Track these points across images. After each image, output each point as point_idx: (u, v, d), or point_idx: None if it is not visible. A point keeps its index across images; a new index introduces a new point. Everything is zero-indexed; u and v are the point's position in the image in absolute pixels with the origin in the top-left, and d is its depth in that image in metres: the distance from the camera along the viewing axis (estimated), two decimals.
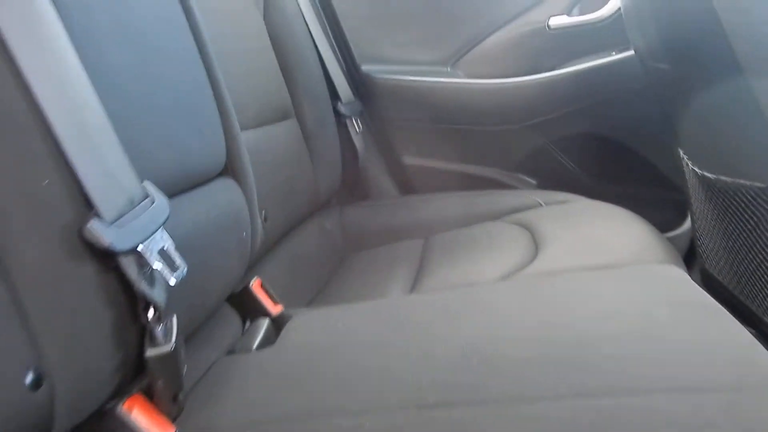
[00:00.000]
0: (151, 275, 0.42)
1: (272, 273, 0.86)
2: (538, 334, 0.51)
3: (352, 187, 1.31)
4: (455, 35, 1.32)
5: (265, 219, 0.81)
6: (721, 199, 0.83)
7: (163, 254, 0.43)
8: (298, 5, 1.17)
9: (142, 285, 0.41)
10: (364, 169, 1.32)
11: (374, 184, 1.35)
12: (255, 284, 0.72)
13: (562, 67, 1.26)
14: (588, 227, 0.94)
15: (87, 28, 0.48)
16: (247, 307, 0.70)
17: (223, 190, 0.66)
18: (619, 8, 1.20)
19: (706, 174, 0.84)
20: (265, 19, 1.08)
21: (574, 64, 1.25)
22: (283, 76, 1.08)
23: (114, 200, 0.41)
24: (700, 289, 0.60)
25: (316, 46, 1.20)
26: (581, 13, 1.28)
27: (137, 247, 0.41)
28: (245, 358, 0.59)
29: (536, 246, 0.90)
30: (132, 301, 0.42)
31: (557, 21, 1.28)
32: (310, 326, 0.64)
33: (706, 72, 0.72)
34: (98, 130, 0.42)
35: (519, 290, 0.66)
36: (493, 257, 0.90)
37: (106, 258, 0.39)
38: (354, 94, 1.29)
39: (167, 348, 0.42)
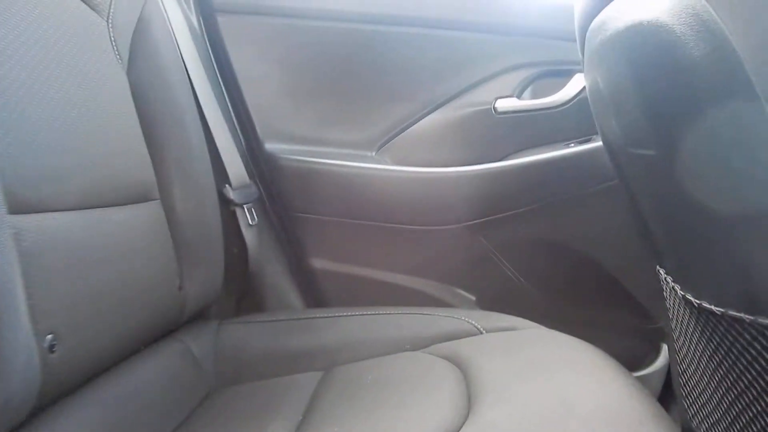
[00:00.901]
0: None
1: None
2: None
3: (240, 296, 1.05)
4: (383, 113, 1.14)
5: (51, 348, 0.55)
6: (728, 340, 0.62)
7: None
8: (182, 60, 0.97)
9: None
10: (258, 273, 1.07)
11: (271, 292, 1.10)
12: None
13: (511, 158, 1.08)
14: (544, 372, 0.71)
15: None
16: None
17: None
18: (581, 90, 1.04)
19: (705, 305, 0.63)
20: (128, 71, 0.86)
21: (526, 155, 1.07)
22: (147, 144, 0.85)
23: None
24: None
25: (201, 112, 0.98)
26: (534, 97, 1.11)
27: None
28: None
29: (469, 397, 0.66)
30: None
31: (506, 104, 1.11)
32: None
33: (715, 161, 0.52)
34: None
35: None
36: (405, 411, 0.66)
37: None
38: (250, 176, 1.06)
39: None
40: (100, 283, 0.68)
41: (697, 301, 0.66)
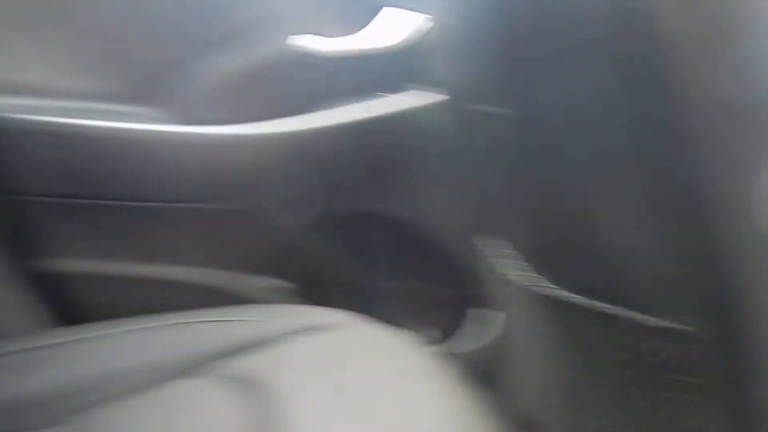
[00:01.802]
0: None
1: None
2: None
3: None
4: (145, 54, 0.88)
5: None
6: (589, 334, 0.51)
7: None
8: None
9: None
10: None
11: None
12: None
13: (325, 112, 0.89)
14: (367, 387, 0.57)
15: None
16: None
17: None
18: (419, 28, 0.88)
19: (563, 294, 0.50)
20: None
21: (344, 109, 0.89)
22: None
23: None
24: None
25: None
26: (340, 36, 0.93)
27: None
28: None
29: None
30: None
31: (310, 45, 0.91)
32: None
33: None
34: None
35: None
36: None
37: None
38: None
39: None
40: None
41: (555, 288, 0.53)
